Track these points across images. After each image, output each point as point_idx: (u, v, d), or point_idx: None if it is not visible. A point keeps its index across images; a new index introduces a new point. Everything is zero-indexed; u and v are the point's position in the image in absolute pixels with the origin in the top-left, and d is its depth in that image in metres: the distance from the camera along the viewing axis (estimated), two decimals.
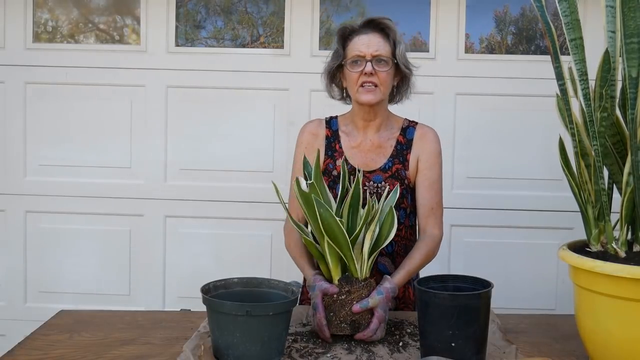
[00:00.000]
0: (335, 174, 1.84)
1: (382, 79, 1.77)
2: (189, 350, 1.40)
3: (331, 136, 1.89)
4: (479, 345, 1.37)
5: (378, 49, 1.76)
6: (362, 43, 1.77)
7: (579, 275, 1.32)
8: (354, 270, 1.54)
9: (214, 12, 3.05)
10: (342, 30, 1.83)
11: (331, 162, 1.86)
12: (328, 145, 1.88)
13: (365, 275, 1.55)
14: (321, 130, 1.90)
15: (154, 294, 3.00)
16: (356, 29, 1.81)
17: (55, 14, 3.04)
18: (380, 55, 1.76)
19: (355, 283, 1.53)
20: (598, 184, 1.35)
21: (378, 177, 1.83)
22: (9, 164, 2.98)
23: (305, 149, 1.88)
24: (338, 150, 1.87)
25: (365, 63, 1.75)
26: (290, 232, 1.84)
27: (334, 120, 1.92)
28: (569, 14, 1.36)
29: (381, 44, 1.77)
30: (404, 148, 1.87)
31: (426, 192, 1.84)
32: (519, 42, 3.01)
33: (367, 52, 1.76)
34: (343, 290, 1.52)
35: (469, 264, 2.86)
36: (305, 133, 1.91)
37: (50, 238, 2.99)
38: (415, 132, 1.89)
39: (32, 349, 1.47)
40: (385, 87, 1.79)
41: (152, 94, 2.95)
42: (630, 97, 1.31)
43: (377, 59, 1.76)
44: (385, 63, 1.77)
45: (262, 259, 2.95)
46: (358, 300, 1.52)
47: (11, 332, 2.88)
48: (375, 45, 1.76)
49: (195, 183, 2.96)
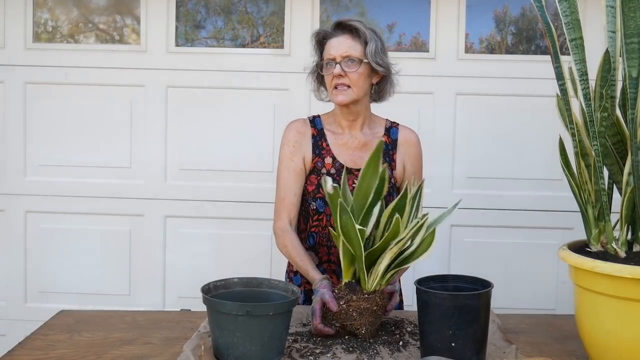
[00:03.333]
0: (324, 172, 1.87)
1: (354, 80, 1.80)
2: (189, 350, 1.40)
3: (317, 134, 1.91)
4: (479, 345, 1.37)
5: (347, 50, 1.79)
6: (332, 46, 1.82)
7: (579, 275, 1.32)
8: (363, 281, 1.52)
9: (214, 12, 3.05)
10: (317, 36, 1.88)
11: (319, 160, 1.88)
12: (315, 143, 1.90)
13: (375, 289, 1.52)
14: (307, 128, 1.92)
15: (154, 294, 3.00)
16: (329, 32, 1.85)
17: (55, 14, 3.04)
18: (349, 56, 1.79)
19: (359, 294, 1.51)
20: (598, 184, 1.35)
21: None
22: (9, 164, 2.98)
23: (294, 147, 1.89)
24: (325, 148, 1.90)
25: (335, 65, 1.79)
26: (283, 232, 1.84)
27: (317, 120, 1.95)
28: (569, 14, 1.36)
29: (351, 45, 1.80)
30: (389, 148, 1.91)
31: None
32: (519, 42, 3.01)
33: (336, 54, 1.80)
34: (344, 298, 1.51)
35: (469, 264, 2.86)
36: (292, 131, 1.92)
37: (50, 238, 2.99)
38: (399, 134, 1.94)
39: (32, 349, 1.47)
40: (358, 88, 1.81)
41: (152, 94, 2.95)
42: (630, 97, 1.31)
43: (347, 60, 1.79)
44: (356, 63, 1.79)
45: (262, 259, 2.95)
46: (356, 311, 1.50)
47: (11, 332, 2.88)
48: (345, 47, 1.80)
49: (195, 183, 2.96)
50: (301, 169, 1.88)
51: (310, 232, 1.90)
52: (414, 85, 2.82)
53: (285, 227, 1.85)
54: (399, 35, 2.98)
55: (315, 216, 1.88)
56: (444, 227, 2.88)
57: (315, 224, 1.89)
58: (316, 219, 1.88)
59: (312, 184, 1.88)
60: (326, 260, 1.88)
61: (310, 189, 1.88)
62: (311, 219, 1.89)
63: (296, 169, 1.88)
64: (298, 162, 1.88)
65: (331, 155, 1.88)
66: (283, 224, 1.86)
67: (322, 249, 1.89)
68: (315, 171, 1.88)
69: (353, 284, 1.53)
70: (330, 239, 1.86)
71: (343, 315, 1.52)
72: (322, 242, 1.88)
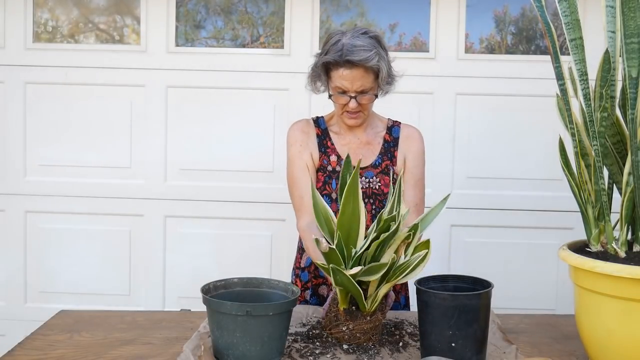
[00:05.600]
0: (330, 169, 1.89)
1: (365, 105, 1.83)
2: (189, 350, 1.40)
3: (321, 134, 1.93)
4: (479, 346, 1.37)
5: (361, 86, 1.77)
6: (346, 79, 1.76)
7: (579, 275, 1.32)
8: (362, 307, 1.49)
9: (214, 12, 3.05)
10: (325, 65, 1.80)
11: (325, 158, 1.91)
12: (320, 142, 1.92)
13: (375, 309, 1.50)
14: (311, 128, 1.94)
15: (154, 294, 3.00)
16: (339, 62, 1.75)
17: (55, 14, 3.04)
18: (363, 90, 1.79)
19: (360, 319, 1.49)
20: (598, 184, 1.35)
21: (369, 172, 1.89)
22: (9, 164, 2.98)
23: (301, 146, 1.91)
24: (330, 146, 1.92)
25: (350, 99, 1.79)
26: (308, 229, 1.80)
27: (320, 120, 1.97)
28: (569, 14, 1.36)
29: (364, 79, 1.77)
30: (391, 145, 1.93)
31: (411, 190, 1.90)
32: (519, 42, 3.01)
33: (350, 88, 1.78)
34: (345, 325, 1.49)
35: (469, 264, 2.86)
36: (297, 131, 1.93)
37: (50, 238, 2.99)
38: (401, 132, 1.95)
39: (32, 349, 1.47)
40: (368, 110, 1.86)
41: (152, 94, 2.95)
42: (630, 97, 1.31)
43: (360, 93, 1.79)
44: (368, 94, 1.80)
45: (262, 259, 2.95)
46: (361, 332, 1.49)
47: (11, 332, 2.87)
48: (359, 82, 1.77)
49: (195, 183, 2.96)
50: (311, 166, 1.90)
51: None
52: (414, 85, 2.82)
53: (309, 224, 1.81)
54: (399, 35, 2.98)
55: None
56: (444, 227, 2.88)
57: None
58: None
59: (319, 180, 1.90)
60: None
61: (317, 185, 1.89)
62: None
63: (308, 166, 1.89)
64: (307, 159, 1.90)
65: (336, 153, 1.91)
66: (305, 222, 1.83)
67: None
68: (322, 169, 1.90)
69: (352, 311, 1.50)
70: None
71: (348, 338, 1.50)
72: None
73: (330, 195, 1.88)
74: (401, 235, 1.44)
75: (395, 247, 1.46)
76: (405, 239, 1.45)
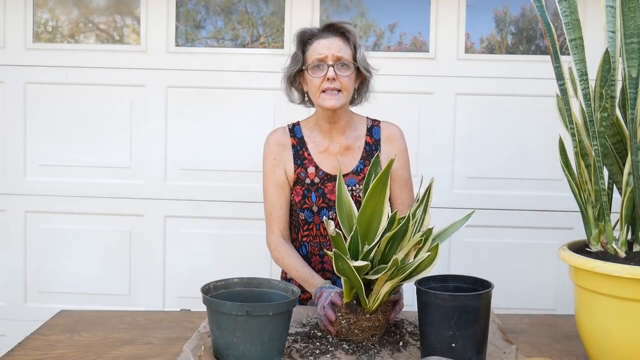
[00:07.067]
0: (308, 182, 1.84)
1: (345, 84, 1.76)
2: (189, 350, 1.40)
3: (297, 144, 1.87)
4: (479, 346, 1.37)
5: (340, 51, 1.75)
6: (323, 46, 1.76)
7: (579, 275, 1.32)
8: (363, 303, 1.49)
9: (214, 12, 3.05)
10: (302, 35, 1.81)
11: (302, 171, 1.85)
12: (296, 154, 1.87)
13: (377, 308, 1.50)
14: (286, 139, 1.88)
15: (154, 294, 3.00)
16: (316, 33, 1.80)
17: (55, 14, 3.04)
18: (342, 58, 1.75)
19: (360, 314, 1.49)
20: (598, 184, 1.35)
21: (352, 180, 1.84)
22: (9, 164, 2.98)
23: (274, 160, 1.87)
24: (307, 157, 1.86)
25: (327, 68, 1.74)
26: (277, 244, 1.84)
27: (297, 127, 1.91)
28: (569, 14, 1.36)
29: (342, 47, 1.76)
30: (372, 149, 1.87)
31: (401, 192, 1.88)
32: (519, 42, 3.01)
33: (328, 53, 1.75)
34: (345, 318, 1.50)
35: (469, 264, 2.86)
36: (272, 144, 1.89)
37: (50, 238, 2.99)
38: (381, 132, 1.89)
39: (32, 349, 1.47)
40: (347, 92, 1.78)
41: (152, 94, 2.95)
42: (630, 97, 1.31)
43: (339, 63, 1.75)
44: (347, 67, 1.76)
45: (262, 259, 2.94)
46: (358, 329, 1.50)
47: (11, 332, 2.88)
48: (337, 48, 1.75)
49: (195, 183, 2.96)
50: (284, 182, 1.86)
51: (302, 242, 1.89)
52: (414, 85, 2.82)
53: (278, 239, 1.84)
54: (399, 35, 2.98)
55: (305, 226, 1.87)
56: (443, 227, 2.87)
57: (306, 234, 1.88)
58: (306, 228, 1.87)
59: (298, 194, 1.85)
60: (320, 269, 1.87)
61: (297, 199, 1.85)
62: (301, 229, 1.88)
63: (279, 182, 1.86)
64: (280, 175, 1.86)
65: (314, 164, 1.85)
66: (275, 237, 1.85)
67: (315, 257, 1.88)
68: (299, 182, 1.85)
69: (354, 305, 1.51)
70: (322, 247, 1.85)
71: (345, 332, 1.51)
72: (314, 252, 1.88)
73: (312, 209, 1.84)
74: (413, 239, 1.44)
75: (406, 250, 1.45)
76: (416, 243, 1.45)
